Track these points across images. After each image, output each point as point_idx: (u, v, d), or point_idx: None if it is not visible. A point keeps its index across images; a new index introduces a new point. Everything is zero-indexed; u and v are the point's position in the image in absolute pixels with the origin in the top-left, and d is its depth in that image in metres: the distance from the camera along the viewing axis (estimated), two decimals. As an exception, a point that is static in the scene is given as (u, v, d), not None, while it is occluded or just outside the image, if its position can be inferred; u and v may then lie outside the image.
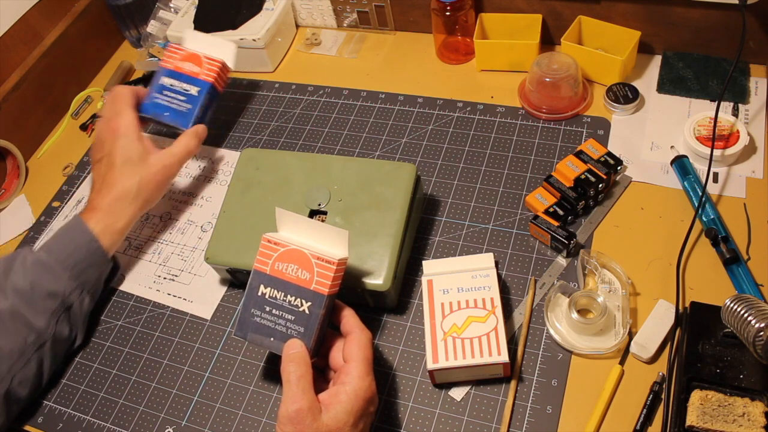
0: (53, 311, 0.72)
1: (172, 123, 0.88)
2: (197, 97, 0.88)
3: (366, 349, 0.61)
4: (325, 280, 0.63)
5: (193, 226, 0.89)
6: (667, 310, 0.69)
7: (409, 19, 1.04)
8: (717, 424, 0.59)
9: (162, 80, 0.89)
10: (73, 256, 0.73)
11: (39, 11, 1.04)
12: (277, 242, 0.65)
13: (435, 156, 0.89)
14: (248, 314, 0.65)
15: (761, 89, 0.86)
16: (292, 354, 0.60)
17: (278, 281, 0.64)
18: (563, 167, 0.79)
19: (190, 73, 0.89)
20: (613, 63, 0.88)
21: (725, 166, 0.80)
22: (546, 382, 0.67)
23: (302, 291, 0.63)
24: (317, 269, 0.63)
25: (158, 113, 0.88)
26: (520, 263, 0.77)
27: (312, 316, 0.62)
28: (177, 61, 0.90)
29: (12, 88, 1.00)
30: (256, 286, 0.65)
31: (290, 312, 0.63)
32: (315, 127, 0.96)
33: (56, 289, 0.72)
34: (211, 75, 0.89)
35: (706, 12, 0.86)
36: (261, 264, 0.65)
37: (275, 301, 0.64)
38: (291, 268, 0.64)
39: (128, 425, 0.72)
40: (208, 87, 0.89)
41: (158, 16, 1.08)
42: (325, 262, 0.63)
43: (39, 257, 0.73)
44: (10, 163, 1.01)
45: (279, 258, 0.64)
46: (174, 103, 0.88)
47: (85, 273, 0.74)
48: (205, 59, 0.90)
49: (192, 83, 0.89)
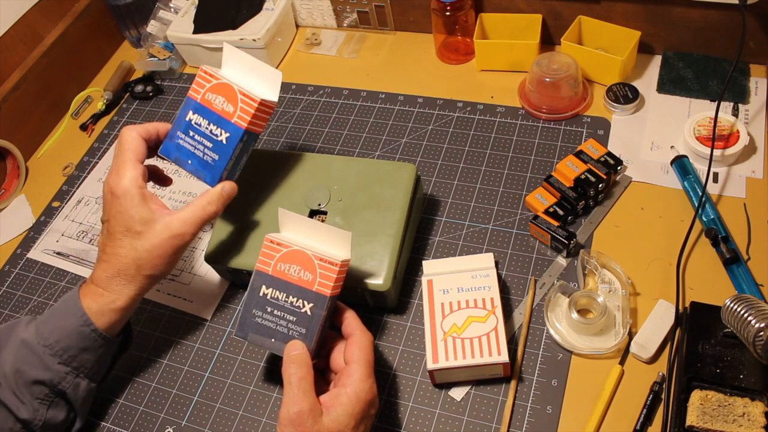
0: (41, 399, 0.65)
1: (194, 175, 0.71)
2: (227, 147, 0.69)
3: (367, 351, 0.61)
4: (327, 281, 0.63)
5: (193, 226, 0.89)
6: (667, 310, 0.69)
7: (409, 19, 1.04)
8: (717, 424, 0.59)
9: (188, 116, 0.71)
10: (63, 340, 0.65)
11: (39, 11, 1.05)
12: (280, 243, 0.64)
13: (435, 156, 0.89)
14: (249, 314, 0.64)
15: (761, 89, 0.86)
16: (293, 355, 0.60)
17: (280, 282, 0.64)
18: (563, 167, 0.79)
19: (221, 112, 0.69)
20: (613, 63, 0.88)
21: (725, 166, 0.80)
22: (546, 382, 0.67)
23: (304, 292, 0.63)
24: (320, 270, 0.63)
25: (180, 159, 0.71)
26: (520, 263, 0.77)
27: (314, 317, 0.62)
28: (207, 92, 0.70)
29: (12, 88, 1.00)
30: (258, 286, 0.64)
31: (292, 313, 0.63)
32: (315, 127, 0.96)
33: (42, 377, 0.64)
34: (246, 118, 0.69)
35: (706, 12, 0.86)
36: (263, 264, 0.64)
37: (277, 302, 0.64)
38: (293, 269, 0.64)
39: (128, 425, 0.72)
40: (241, 134, 0.69)
41: (158, 16, 1.08)
42: (328, 263, 0.63)
43: (27, 339, 0.65)
44: (10, 163, 1.01)
45: (281, 259, 0.64)
46: (199, 149, 0.70)
47: (79, 358, 0.66)
48: (240, 94, 0.69)
49: (222, 126, 0.69)
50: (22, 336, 0.66)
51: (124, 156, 0.67)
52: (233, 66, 0.73)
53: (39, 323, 0.67)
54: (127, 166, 0.67)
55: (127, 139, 0.68)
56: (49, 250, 0.91)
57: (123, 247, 0.65)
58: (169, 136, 0.72)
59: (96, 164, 1.00)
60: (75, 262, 0.89)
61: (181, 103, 1.04)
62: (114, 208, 0.66)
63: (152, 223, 0.65)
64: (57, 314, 0.67)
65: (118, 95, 1.08)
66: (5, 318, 0.84)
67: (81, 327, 0.65)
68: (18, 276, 0.89)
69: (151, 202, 0.67)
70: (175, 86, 1.08)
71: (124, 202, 0.65)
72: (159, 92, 1.07)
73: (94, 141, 1.04)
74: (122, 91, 1.09)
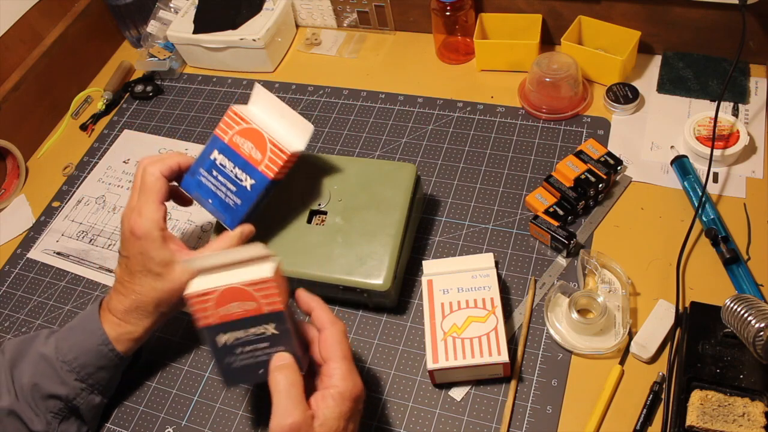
0: (55, 413, 0.66)
1: (213, 215, 0.71)
2: (251, 194, 0.69)
3: (342, 345, 0.58)
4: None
5: (193, 226, 0.89)
6: (667, 310, 0.69)
7: (409, 19, 1.04)
8: (717, 424, 0.59)
9: (213, 155, 0.70)
10: (81, 357, 0.66)
11: (39, 11, 1.05)
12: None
13: (435, 156, 0.89)
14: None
15: (761, 89, 0.86)
16: (280, 365, 0.57)
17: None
18: (563, 167, 0.79)
19: (248, 158, 0.69)
20: (613, 63, 0.88)
21: (725, 166, 0.80)
22: (546, 382, 0.67)
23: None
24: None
25: (200, 197, 0.71)
26: (520, 263, 0.77)
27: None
28: (235, 135, 0.70)
29: (12, 88, 1.00)
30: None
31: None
32: (315, 127, 0.96)
33: (59, 392, 0.66)
34: (274, 168, 0.68)
35: (706, 12, 0.86)
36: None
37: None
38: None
39: (128, 425, 0.72)
40: (267, 183, 0.69)
41: (158, 16, 1.08)
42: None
43: (46, 354, 0.66)
44: (10, 163, 1.01)
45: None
46: (221, 190, 0.70)
47: (95, 375, 0.67)
48: (270, 143, 0.68)
49: (248, 172, 0.69)
50: (41, 350, 0.67)
51: (147, 197, 0.67)
52: (262, 108, 0.72)
53: (59, 339, 0.68)
54: (150, 207, 0.67)
55: (150, 180, 0.67)
56: (49, 250, 0.91)
57: (142, 286, 0.66)
58: (191, 171, 0.71)
59: (96, 164, 1.00)
60: (75, 262, 0.89)
61: (180, 104, 1.05)
62: (134, 247, 0.66)
63: (172, 265, 0.65)
64: (76, 332, 0.68)
65: (118, 95, 1.08)
66: (5, 318, 0.85)
67: (100, 346, 0.67)
68: (18, 276, 0.89)
69: (171, 242, 0.67)
70: (175, 86, 1.08)
71: (144, 244, 0.65)
72: (159, 92, 1.07)
73: (94, 141, 1.04)
74: (122, 91, 1.09)
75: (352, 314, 0.76)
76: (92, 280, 0.86)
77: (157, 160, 0.69)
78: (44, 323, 0.83)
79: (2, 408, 0.66)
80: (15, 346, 0.69)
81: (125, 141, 1.03)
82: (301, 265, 0.72)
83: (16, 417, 0.66)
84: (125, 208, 0.69)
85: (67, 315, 0.83)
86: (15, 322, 0.84)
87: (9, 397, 0.66)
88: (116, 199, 0.95)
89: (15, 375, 0.67)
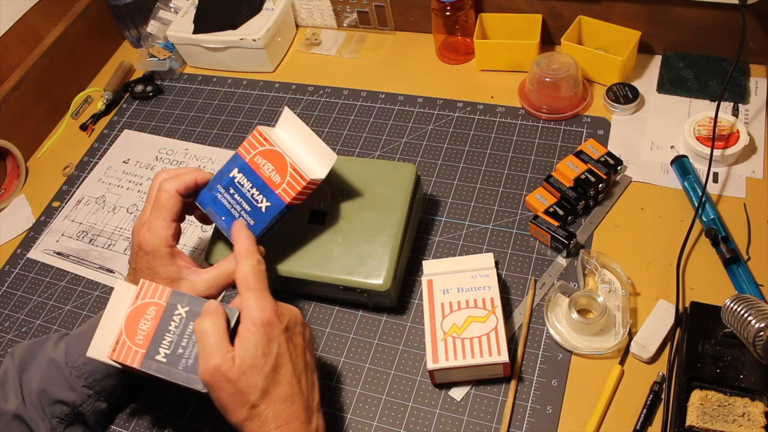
0: (61, 418, 0.67)
1: (224, 233, 0.70)
2: (265, 216, 0.68)
3: (249, 277, 0.59)
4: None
5: (193, 227, 0.89)
6: (667, 310, 0.69)
7: (409, 19, 1.04)
8: (717, 424, 0.59)
9: (233, 173, 0.69)
10: (90, 364, 0.66)
11: (39, 11, 1.05)
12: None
13: (435, 156, 0.89)
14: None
15: (761, 89, 0.86)
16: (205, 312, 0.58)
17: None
18: (563, 167, 0.79)
19: (267, 179, 0.68)
20: (613, 63, 0.88)
21: (725, 166, 0.80)
22: (546, 382, 0.67)
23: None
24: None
25: (214, 213, 0.70)
26: (520, 263, 0.77)
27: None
28: (257, 155, 0.69)
29: (12, 88, 1.00)
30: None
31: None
32: (315, 127, 0.96)
33: (66, 398, 0.66)
34: (292, 193, 0.67)
35: (706, 12, 0.86)
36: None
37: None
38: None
39: (128, 425, 0.72)
40: (283, 207, 0.67)
41: (158, 16, 1.08)
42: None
43: (56, 359, 0.67)
44: (10, 163, 1.01)
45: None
46: (236, 209, 0.69)
47: (103, 382, 0.68)
48: (291, 168, 0.67)
49: (265, 194, 0.68)
50: (51, 355, 0.67)
51: (158, 213, 0.67)
52: (288, 132, 0.71)
53: (68, 344, 0.68)
54: (161, 224, 0.66)
55: (164, 197, 0.67)
56: (49, 250, 0.91)
57: None
58: (208, 186, 0.70)
59: (96, 164, 1.00)
60: (75, 262, 0.89)
61: (180, 104, 1.05)
62: (143, 262, 0.67)
63: (179, 282, 0.66)
64: (86, 338, 0.67)
65: (118, 95, 1.08)
66: (5, 318, 0.85)
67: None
68: (18, 276, 0.89)
69: (179, 258, 0.67)
70: (175, 86, 1.08)
71: (152, 260, 0.66)
72: (159, 92, 1.07)
73: (94, 141, 1.04)
74: (122, 91, 1.09)
75: (352, 314, 0.76)
76: (92, 280, 0.86)
77: (173, 176, 0.68)
78: (44, 323, 0.83)
79: (8, 412, 0.66)
80: (24, 350, 0.69)
81: (125, 141, 1.03)
82: (301, 265, 0.73)
83: (21, 421, 0.66)
84: (137, 221, 0.69)
85: (67, 315, 0.83)
86: (15, 322, 0.84)
87: (16, 401, 0.66)
88: (116, 199, 0.95)
89: (23, 379, 0.67)
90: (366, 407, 0.69)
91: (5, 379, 0.67)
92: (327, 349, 0.74)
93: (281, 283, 0.76)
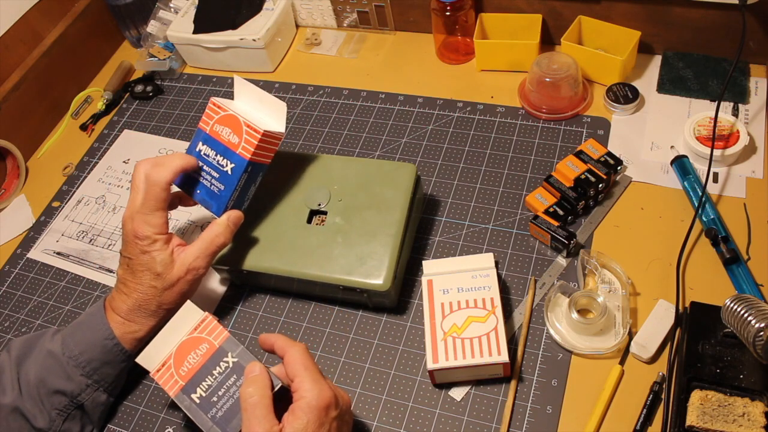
0: (60, 410, 0.67)
1: (202, 204, 0.73)
2: (232, 177, 0.71)
3: (303, 359, 0.59)
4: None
5: (194, 226, 0.89)
6: (667, 310, 0.69)
7: (409, 19, 1.04)
8: (717, 424, 0.59)
9: (198, 146, 0.73)
10: (87, 352, 0.67)
11: (39, 11, 1.05)
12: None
13: (435, 156, 0.89)
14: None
15: (761, 89, 0.86)
16: (251, 377, 0.58)
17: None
18: (563, 167, 0.79)
19: (227, 143, 0.71)
20: (613, 63, 0.88)
21: (725, 166, 0.80)
22: (546, 382, 0.67)
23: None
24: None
25: (189, 188, 0.73)
26: (520, 263, 0.77)
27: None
28: (215, 124, 0.72)
29: (12, 88, 1.00)
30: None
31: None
32: (315, 127, 0.96)
33: (64, 387, 0.66)
34: (250, 149, 0.70)
35: (706, 12, 0.86)
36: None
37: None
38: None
39: (128, 425, 0.72)
40: (245, 165, 0.70)
41: (158, 16, 1.08)
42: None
43: (53, 350, 0.68)
44: (10, 163, 1.01)
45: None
46: (207, 179, 0.72)
47: (100, 371, 0.68)
48: (245, 126, 0.70)
49: (228, 157, 0.71)
50: (48, 347, 0.68)
51: (150, 204, 0.69)
52: (243, 98, 0.76)
53: (65, 335, 0.69)
54: (155, 214, 0.69)
55: (156, 190, 0.69)
56: (49, 250, 0.91)
57: (144, 285, 0.69)
58: None
59: (96, 164, 1.00)
60: (75, 262, 0.89)
61: (180, 104, 1.05)
62: (136, 249, 0.69)
63: (172, 264, 0.69)
64: (82, 327, 0.69)
65: (118, 95, 1.08)
66: (5, 318, 0.85)
67: (105, 340, 0.68)
68: (18, 276, 0.89)
69: (172, 241, 0.70)
70: (175, 86, 1.08)
71: (146, 247, 0.68)
72: (159, 92, 1.07)
73: (94, 141, 1.04)
74: (122, 91, 1.09)
75: (352, 314, 0.76)
76: (92, 280, 0.86)
77: (157, 164, 0.70)
78: (44, 323, 0.83)
79: (6, 405, 0.66)
80: (21, 345, 0.70)
81: (125, 141, 1.03)
82: (301, 265, 0.73)
83: (19, 413, 0.66)
84: (126, 211, 0.70)
85: (67, 315, 0.83)
86: (15, 322, 0.84)
87: (13, 393, 0.66)
88: (116, 199, 0.95)
89: (21, 372, 0.67)
90: (366, 407, 0.69)
91: (2, 372, 0.68)
92: (327, 349, 0.74)
93: (281, 282, 0.77)
